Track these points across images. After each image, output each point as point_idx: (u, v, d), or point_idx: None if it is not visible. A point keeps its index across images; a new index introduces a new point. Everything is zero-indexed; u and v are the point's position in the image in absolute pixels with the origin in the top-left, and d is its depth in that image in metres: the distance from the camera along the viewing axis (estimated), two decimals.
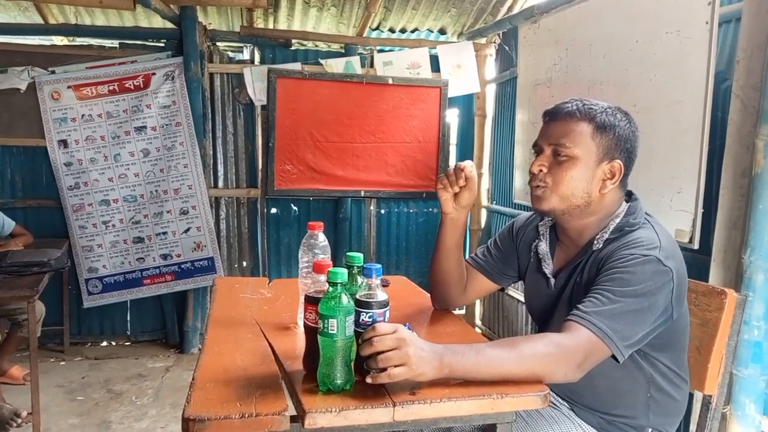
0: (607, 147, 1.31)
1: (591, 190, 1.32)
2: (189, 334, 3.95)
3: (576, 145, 1.30)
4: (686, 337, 1.37)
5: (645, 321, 1.20)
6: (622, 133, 1.31)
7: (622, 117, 1.33)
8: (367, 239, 4.30)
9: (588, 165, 1.30)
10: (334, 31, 4.25)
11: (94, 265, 3.83)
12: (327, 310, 1.03)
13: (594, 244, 1.34)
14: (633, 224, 1.31)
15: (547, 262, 1.46)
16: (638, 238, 1.27)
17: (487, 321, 4.31)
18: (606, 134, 1.30)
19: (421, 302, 1.74)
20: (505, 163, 3.97)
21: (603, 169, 1.31)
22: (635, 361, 1.29)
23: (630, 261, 1.22)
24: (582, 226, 1.38)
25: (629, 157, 1.34)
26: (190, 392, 1.03)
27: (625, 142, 1.32)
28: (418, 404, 1.02)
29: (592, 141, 1.30)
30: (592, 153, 1.30)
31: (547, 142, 1.34)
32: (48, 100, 3.71)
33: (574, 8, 2.90)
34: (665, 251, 1.23)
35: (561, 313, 1.37)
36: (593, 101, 1.34)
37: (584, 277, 1.33)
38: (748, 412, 1.88)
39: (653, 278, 1.20)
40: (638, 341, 1.21)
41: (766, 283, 1.83)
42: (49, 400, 3.09)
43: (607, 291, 1.20)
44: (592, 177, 1.31)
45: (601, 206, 1.34)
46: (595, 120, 1.30)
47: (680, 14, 2.15)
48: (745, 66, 1.91)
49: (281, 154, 3.82)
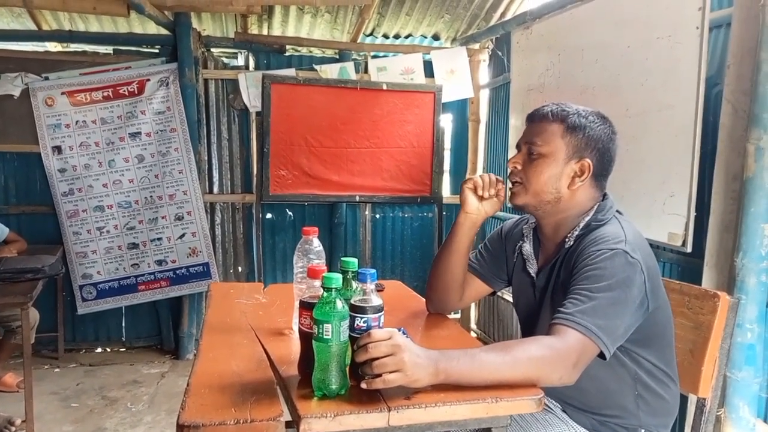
0: (576, 146, 1.37)
1: (560, 187, 1.38)
2: (184, 340, 3.94)
3: (546, 144, 1.38)
4: (669, 333, 1.39)
5: (624, 313, 1.22)
6: (593, 134, 1.37)
7: (595, 119, 1.39)
8: (362, 244, 4.30)
9: (557, 162, 1.38)
10: (329, 37, 4.27)
11: (88, 272, 3.81)
12: (322, 316, 1.03)
13: (566, 241, 1.39)
14: (600, 220, 1.36)
15: (531, 261, 1.50)
16: (604, 233, 1.31)
17: (482, 325, 4.32)
18: (575, 134, 1.37)
19: (417, 307, 1.74)
20: (499, 167, 3.99)
21: (572, 166, 1.38)
22: (619, 359, 1.31)
23: (599, 257, 1.25)
24: (555, 223, 1.44)
25: (601, 157, 1.39)
26: (184, 398, 1.03)
27: (596, 142, 1.38)
28: (413, 409, 1.02)
29: (562, 140, 1.38)
30: (561, 151, 1.37)
31: (524, 141, 1.44)
32: (42, 107, 3.71)
33: (566, 14, 2.92)
34: (631, 244, 1.27)
35: (545, 312, 1.40)
36: (570, 105, 1.41)
37: (561, 275, 1.37)
38: (742, 414, 1.89)
39: (624, 270, 1.23)
40: (621, 334, 1.23)
41: (758, 285, 1.84)
42: (44, 407, 3.07)
43: (584, 289, 1.22)
44: (561, 174, 1.38)
45: (572, 203, 1.40)
46: (566, 121, 1.38)
47: (671, 20, 2.17)
48: (736, 71, 1.93)
49: (276, 159, 3.82)
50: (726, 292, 1.52)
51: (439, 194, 4.16)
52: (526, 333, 1.54)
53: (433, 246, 4.38)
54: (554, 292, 1.39)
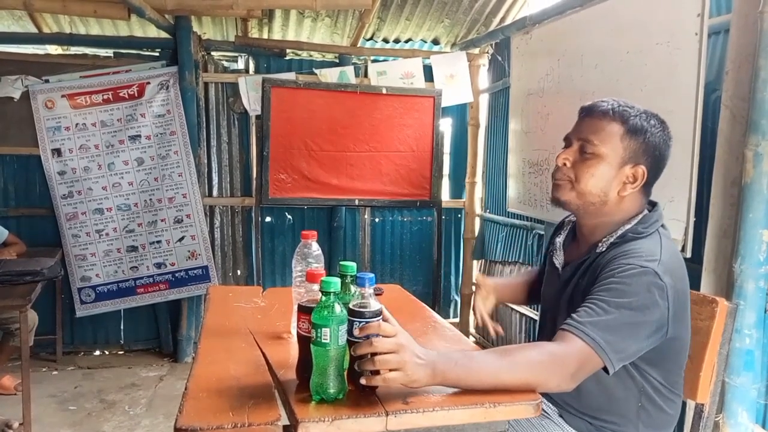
0: (635, 151, 1.30)
1: (609, 191, 1.32)
2: (183, 343, 3.94)
3: (603, 144, 1.30)
4: (683, 357, 1.35)
5: (638, 335, 1.19)
6: (653, 139, 1.31)
7: (656, 123, 1.33)
8: (362, 248, 4.30)
9: (612, 165, 1.30)
10: (329, 41, 4.28)
11: (87, 274, 3.81)
12: (320, 320, 1.03)
13: (599, 246, 1.34)
14: (639, 232, 1.30)
15: (558, 253, 1.48)
16: (639, 248, 1.26)
17: (481, 329, 4.32)
18: (636, 138, 1.30)
19: (415, 311, 1.74)
20: (499, 172, 3.99)
21: (626, 172, 1.31)
22: (627, 371, 1.29)
23: (626, 271, 1.21)
24: (594, 225, 1.38)
25: (656, 164, 1.33)
26: (182, 402, 1.03)
27: (654, 149, 1.31)
28: (411, 413, 1.02)
29: (621, 143, 1.30)
30: (618, 154, 1.30)
31: (577, 137, 1.35)
32: (42, 109, 3.71)
33: (565, 19, 2.93)
34: (663, 265, 1.21)
35: (563, 307, 1.37)
36: (631, 104, 1.33)
37: (585, 278, 1.33)
38: (741, 420, 1.89)
39: (649, 291, 1.19)
40: (631, 355, 1.21)
41: (756, 291, 1.84)
42: (41, 410, 3.06)
43: (602, 301, 1.19)
44: (613, 178, 1.31)
45: (617, 209, 1.34)
46: (628, 122, 1.30)
47: (670, 26, 2.18)
48: (734, 77, 1.93)
49: (276, 163, 3.82)
50: (724, 297, 1.53)
51: (438, 198, 4.16)
52: (543, 324, 1.54)
53: (432, 250, 4.39)
54: (574, 291, 1.36)
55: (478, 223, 4.41)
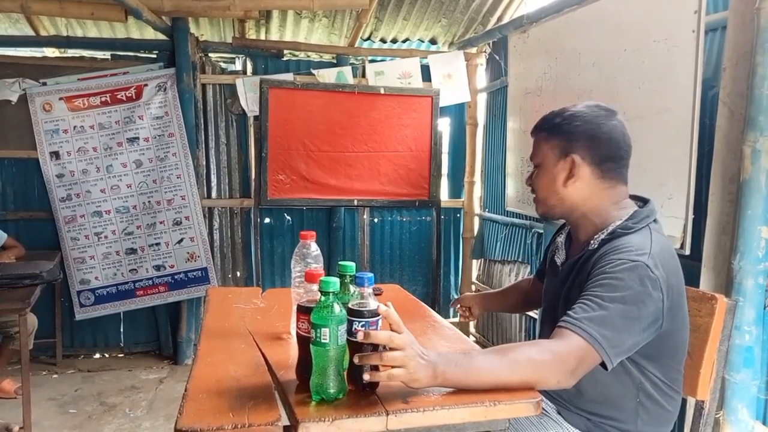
0: (559, 146, 1.39)
1: (557, 189, 1.41)
2: (183, 345, 3.93)
3: (537, 155, 1.45)
4: (681, 352, 1.36)
5: (634, 328, 1.20)
6: (572, 129, 1.37)
7: (575, 112, 1.38)
8: (361, 248, 4.30)
9: (548, 168, 1.42)
10: (326, 41, 4.28)
11: (86, 277, 3.81)
12: (319, 320, 1.03)
13: (591, 243, 1.37)
14: (629, 228, 1.32)
15: (560, 251, 1.52)
16: (628, 242, 1.27)
17: (481, 328, 4.32)
18: (557, 135, 1.39)
19: (415, 310, 1.74)
20: (497, 170, 3.99)
21: (561, 166, 1.39)
22: (625, 367, 1.30)
23: (618, 266, 1.22)
24: (575, 223, 1.45)
25: (592, 143, 1.35)
26: (182, 403, 1.03)
27: (580, 134, 1.36)
28: (411, 413, 1.02)
29: (547, 145, 1.42)
30: (549, 156, 1.41)
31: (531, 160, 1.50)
32: (40, 112, 3.71)
33: (562, 18, 2.93)
34: (654, 258, 1.23)
35: (560, 305, 1.39)
36: (558, 109, 1.43)
37: (580, 275, 1.35)
38: (741, 417, 1.89)
39: (642, 284, 1.20)
40: (628, 349, 1.22)
41: (755, 287, 1.84)
42: (42, 413, 3.06)
43: (596, 297, 1.20)
44: (555, 177, 1.40)
45: (580, 200, 1.39)
46: (545, 127, 1.43)
47: (667, 23, 2.18)
48: (732, 74, 1.93)
49: (274, 163, 3.83)
50: (724, 294, 1.53)
51: (437, 198, 4.17)
52: (543, 322, 1.56)
53: (431, 249, 4.39)
54: (571, 289, 1.38)
55: (477, 223, 4.41)
